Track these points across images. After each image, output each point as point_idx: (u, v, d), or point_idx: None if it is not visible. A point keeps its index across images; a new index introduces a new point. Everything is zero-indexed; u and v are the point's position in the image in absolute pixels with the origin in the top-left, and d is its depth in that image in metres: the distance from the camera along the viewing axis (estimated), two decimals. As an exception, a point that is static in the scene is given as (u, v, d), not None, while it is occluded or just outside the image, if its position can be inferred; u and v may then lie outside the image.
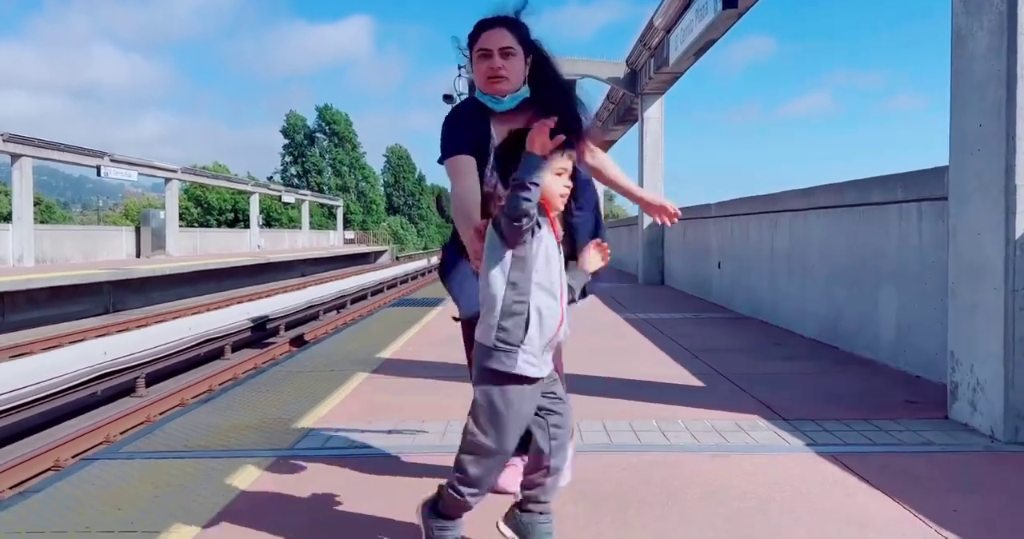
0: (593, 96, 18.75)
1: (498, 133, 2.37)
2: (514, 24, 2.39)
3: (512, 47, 2.36)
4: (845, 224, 5.81)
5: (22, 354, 12.20)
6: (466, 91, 12.99)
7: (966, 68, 3.42)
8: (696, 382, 4.68)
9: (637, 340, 6.46)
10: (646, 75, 12.38)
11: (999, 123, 3.20)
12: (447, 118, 2.49)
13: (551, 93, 2.38)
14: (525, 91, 2.40)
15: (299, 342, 14.24)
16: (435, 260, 51.93)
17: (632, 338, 6.58)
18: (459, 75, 12.65)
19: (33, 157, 20.94)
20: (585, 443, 3.30)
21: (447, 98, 12.73)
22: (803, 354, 5.72)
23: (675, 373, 4.97)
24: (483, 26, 2.39)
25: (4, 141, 19.97)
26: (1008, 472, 2.94)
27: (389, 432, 3.50)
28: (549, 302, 1.94)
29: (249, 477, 2.85)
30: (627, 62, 12.95)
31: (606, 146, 23.25)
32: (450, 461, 2.06)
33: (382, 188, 76.24)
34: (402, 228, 74.96)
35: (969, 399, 3.52)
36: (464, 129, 2.41)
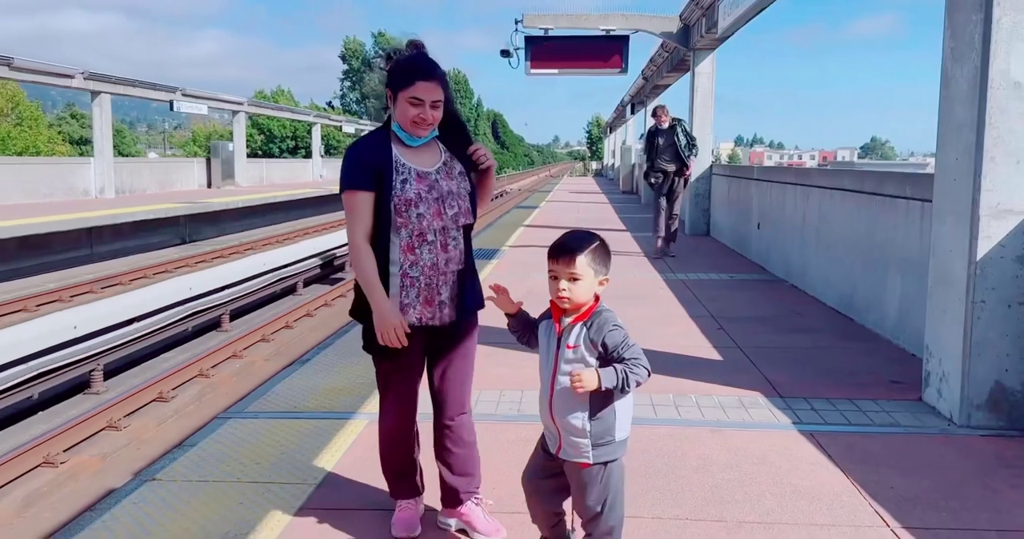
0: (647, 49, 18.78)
1: (403, 154, 2.64)
2: (444, 79, 2.65)
3: (441, 100, 2.61)
4: (864, 208, 6.34)
5: (115, 285, 13.49)
6: (522, 46, 13.43)
7: (949, 109, 3.95)
8: (715, 356, 5.40)
9: (670, 307, 7.15)
10: (698, 33, 12.63)
11: (969, 162, 3.76)
12: (351, 151, 2.69)
13: (454, 132, 2.75)
14: (435, 131, 2.68)
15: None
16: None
17: (666, 305, 7.26)
18: (516, 30, 13.06)
19: (111, 93, 22.02)
20: (610, 416, 4.08)
21: (504, 53, 13.17)
22: (818, 325, 6.37)
23: (698, 345, 5.69)
24: (421, 75, 2.58)
25: (84, 78, 21.02)
26: (951, 453, 3.64)
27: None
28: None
29: (350, 437, 3.72)
30: (680, 17, 13.17)
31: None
32: (505, 430, 2.84)
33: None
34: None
35: (936, 386, 4.19)
36: (367, 164, 2.60)
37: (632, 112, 28.71)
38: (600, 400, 2.25)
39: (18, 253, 13.90)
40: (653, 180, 10.48)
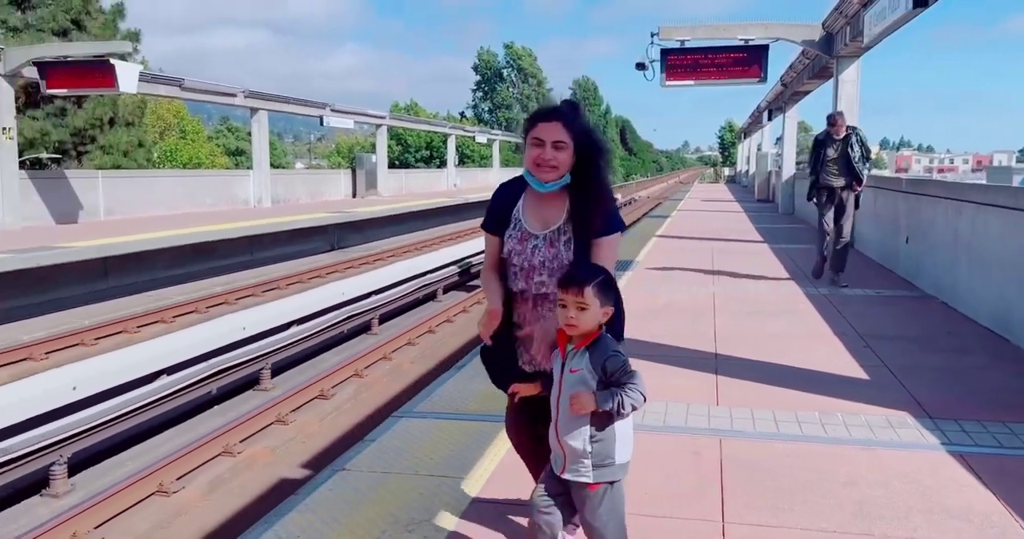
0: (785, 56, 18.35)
1: (526, 204, 2.73)
2: (569, 118, 2.61)
3: (564, 141, 2.58)
4: (1020, 226, 6.12)
5: (273, 289, 14.60)
6: (658, 58, 13.54)
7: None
8: (861, 374, 5.40)
9: (813, 324, 7.11)
10: (842, 41, 12.34)
11: None
12: (495, 193, 2.84)
13: (584, 195, 2.65)
14: (567, 179, 2.64)
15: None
16: (618, 197, 52.60)
17: (808, 321, 7.23)
18: (651, 43, 13.19)
19: (268, 110, 23.74)
20: (756, 430, 4.24)
21: (639, 66, 13.34)
22: (970, 345, 6.20)
23: (844, 363, 5.69)
24: (540, 117, 2.62)
25: (245, 97, 22.78)
26: (1115, 483, 3.56)
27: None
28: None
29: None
30: (823, 25, 12.90)
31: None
32: (650, 440, 3.07)
33: (567, 122, 76.95)
34: (587, 162, 75.55)
35: (1102, 415, 4.07)
36: (495, 210, 2.77)
37: (769, 118, 28.03)
38: (600, 423, 2.39)
39: (190, 259, 15.29)
40: (816, 198, 9.19)
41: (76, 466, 6.39)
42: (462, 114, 69.92)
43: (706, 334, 6.52)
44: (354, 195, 28.87)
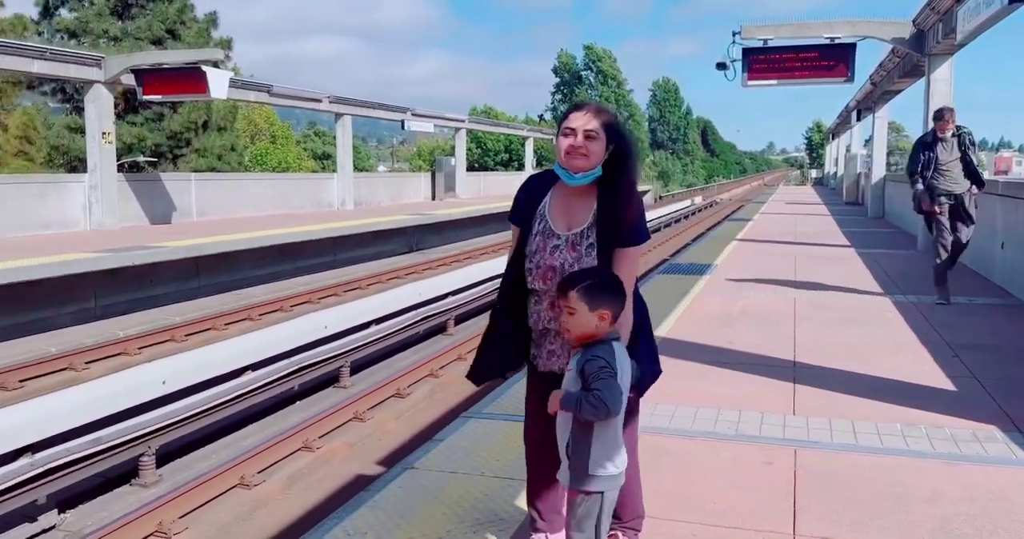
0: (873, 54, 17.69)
1: (553, 199, 2.68)
2: (602, 112, 2.60)
3: (595, 131, 2.54)
4: None
5: (355, 289, 14.96)
6: (739, 58, 13.27)
7: None
8: (948, 385, 5.16)
9: (898, 333, 6.84)
10: (934, 38, 11.81)
11: None
12: (523, 183, 2.81)
13: (614, 194, 2.60)
14: (598, 171, 2.58)
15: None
16: (698, 200, 51.75)
17: (894, 330, 6.95)
18: (732, 42, 12.93)
19: (352, 115, 24.33)
20: (834, 442, 4.10)
21: (720, 66, 13.09)
22: (1073, 358, 5.85)
23: (930, 373, 5.45)
24: (573, 107, 2.63)
25: (330, 102, 23.41)
26: None
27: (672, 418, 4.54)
28: None
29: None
30: (913, 22, 12.37)
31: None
32: (723, 448, 3.01)
33: (646, 124, 76.18)
34: (667, 164, 74.69)
35: None
36: (521, 201, 2.73)
37: (858, 118, 27.09)
38: (580, 429, 2.36)
39: (276, 259, 15.81)
40: (939, 206, 7.98)
41: (164, 457, 6.68)
42: (541, 117, 70.07)
43: (785, 341, 6.35)
44: (433, 197, 29.30)
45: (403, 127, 26.99)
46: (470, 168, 37.70)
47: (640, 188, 2.80)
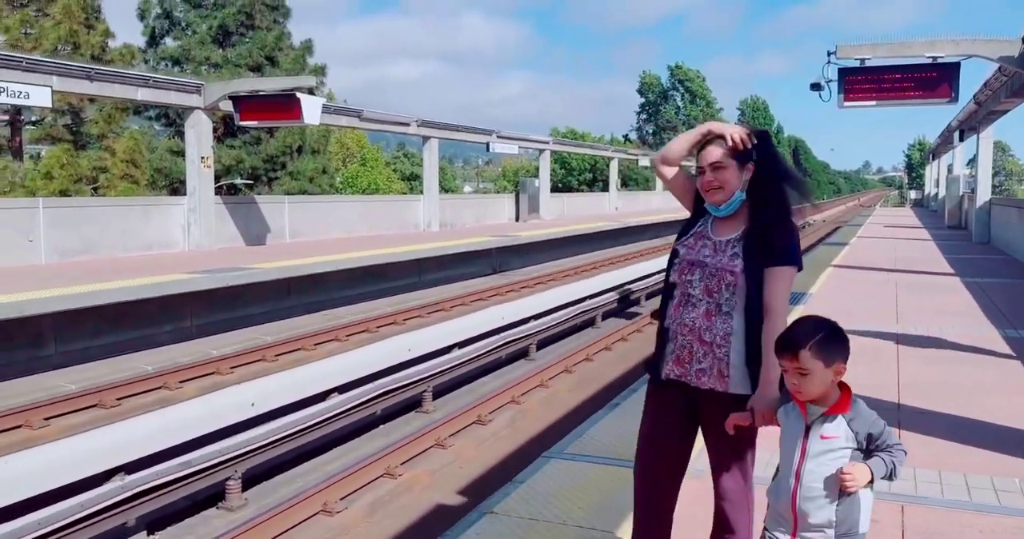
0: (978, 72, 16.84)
1: (712, 228, 2.71)
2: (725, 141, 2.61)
3: (721, 161, 2.59)
4: None
5: (438, 310, 15.05)
6: (835, 78, 12.80)
7: None
8: (1074, 436, 4.73)
9: (1017, 373, 6.36)
10: (1049, 55, 11.11)
11: None
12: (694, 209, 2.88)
13: (759, 214, 2.60)
14: (740, 196, 2.62)
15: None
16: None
17: (1011, 369, 6.48)
18: (828, 62, 12.49)
19: (439, 138, 24.69)
20: (944, 497, 3.79)
21: (815, 86, 12.65)
22: None
23: (1052, 421, 5.02)
24: (700, 147, 2.68)
25: (418, 126, 23.82)
26: None
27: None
28: None
29: (663, 490, 3.86)
30: (1023, 40, 11.66)
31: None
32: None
33: (734, 143, 74.66)
34: (756, 184, 72.99)
35: None
36: (685, 225, 2.83)
37: (961, 139, 25.80)
38: (847, 493, 2.22)
39: (363, 280, 16.08)
40: None
41: (249, 480, 6.79)
42: (626, 137, 69.71)
43: (887, 380, 5.98)
44: (517, 219, 29.38)
45: (488, 149, 27.24)
46: (554, 189, 37.75)
47: None
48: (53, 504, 5.50)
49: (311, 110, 15.90)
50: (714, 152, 2.61)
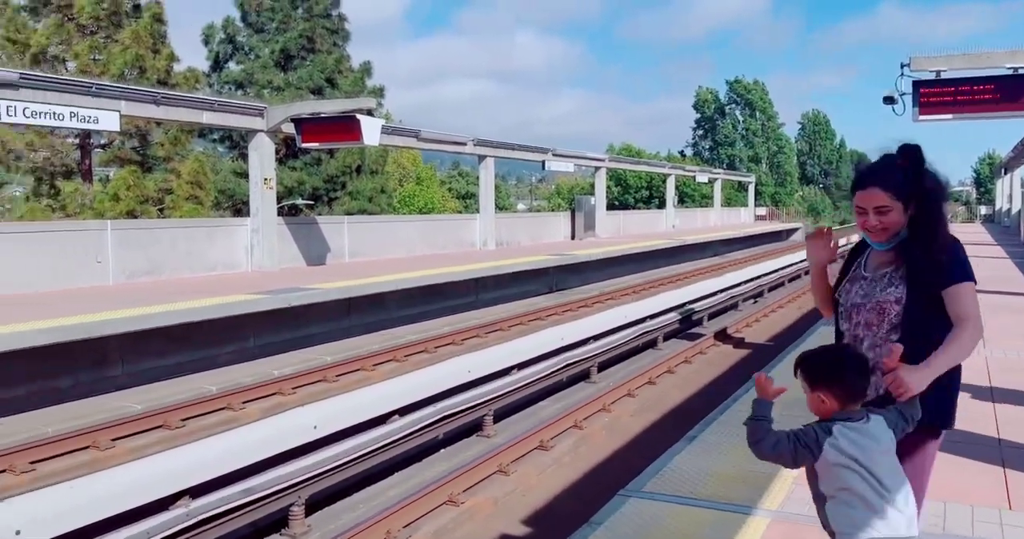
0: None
1: (870, 261, 2.72)
2: (888, 181, 2.55)
3: (885, 205, 2.55)
4: None
5: (496, 330, 14.91)
6: (909, 91, 12.33)
7: None
8: None
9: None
10: None
11: None
12: (849, 252, 2.88)
13: (921, 246, 2.55)
14: (904, 233, 2.60)
15: (723, 336, 15.04)
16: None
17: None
18: (901, 74, 12.04)
19: (494, 157, 24.70)
20: (1067, 549, 3.45)
21: (888, 100, 12.20)
22: None
23: None
24: (856, 185, 2.62)
25: (474, 145, 23.87)
26: None
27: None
28: None
29: (753, 535, 3.62)
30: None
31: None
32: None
33: (795, 158, 73.29)
34: (817, 200, 71.44)
35: None
36: (841, 270, 2.83)
37: (1038, 151, 24.75)
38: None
39: (422, 299, 16.05)
40: None
41: (312, 506, 6.70)
42: (682, 153, 69.03)
43: (983, 413, 5.59)
44: (573, 237, 29.17)
45: (543, 168, 27.16)
46: (610, 206, 37.51)
47: (788, 226, 2.77)
48: (121, 528, 5.48)
49: (371, 131, 16.02)
50: (877, 195, 2.55)
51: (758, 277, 23.20)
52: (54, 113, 12.18)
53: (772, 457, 2.29)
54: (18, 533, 4.78)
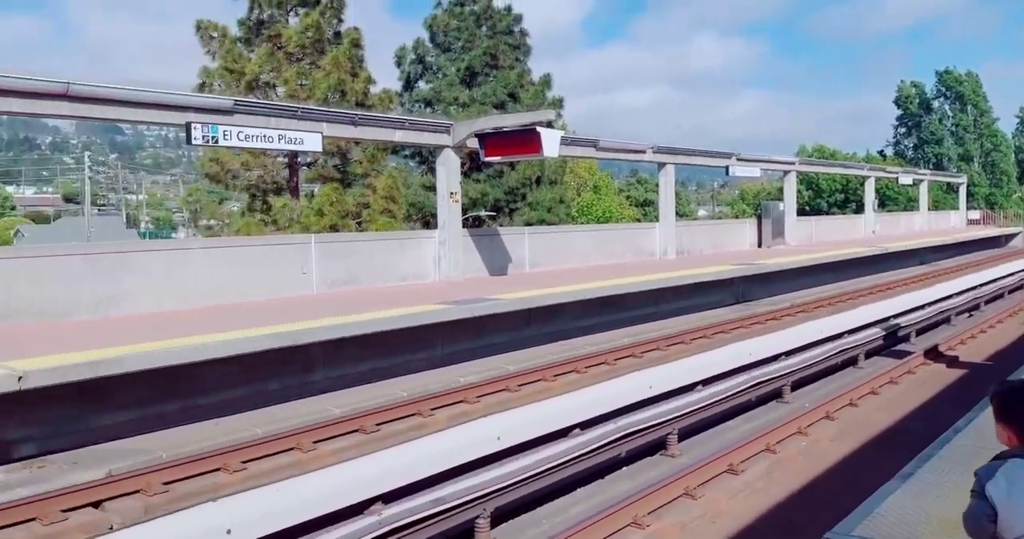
0: None
1: None
2: None
3: None
4: None
5: (677, 343, 14.49)
6: None
7: None
8: None
9: None
10: None
11: None
12: None
13: None
14: None
15: (934, 354, 13.71)
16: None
17: None
18: None
19: (675, 164, 24.14)
20: None
21: None
22: None
23: None
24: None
25: (653, 152, 23.45)
26: None
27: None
28: None
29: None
30: None
31: None
32: None
33: (1013, 156, 65.99)
34: (1040, 201, 63.93)
35: None
36: None
37: None
38: None
39: (599, 310, 15.93)
40: None
41: (496, 518, 6.74)
42: (881, 152, 64.22)
43: None
44: (759, 245, 27.90)
45: (727, 173, 26.17)
46: (800, 212, 35.55)
47: (1007, 230, 2.45)
48: (318, 532, 5.77)
49: (550, 143, 16.14)
50: None
51: (973, 288, 21.00)
52: (265, 136, 13.27)
53: (973, 530, 2.14)
54: (229, 532, 5.15)
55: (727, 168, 26.07)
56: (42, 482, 6.95)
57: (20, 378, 7.08)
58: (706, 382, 10.90)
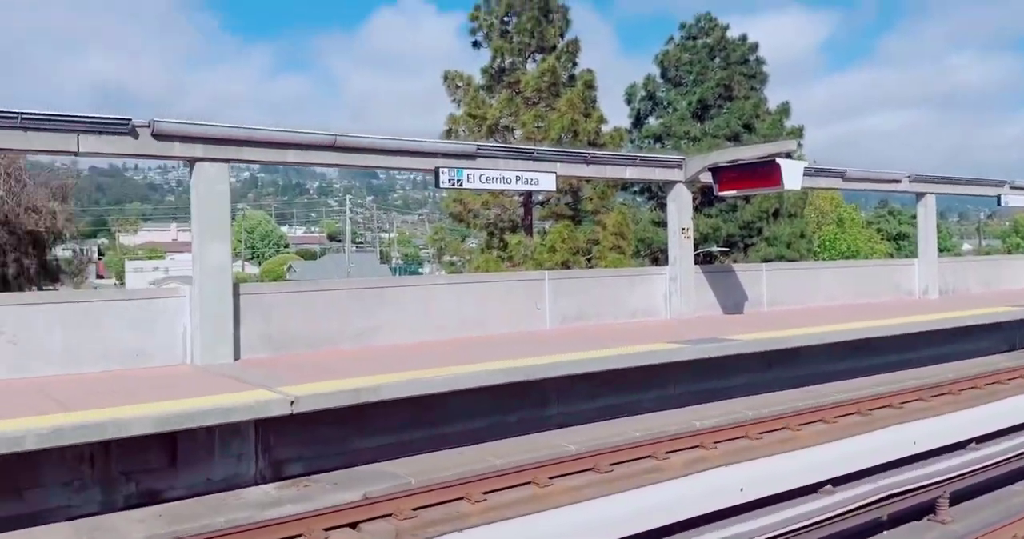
0: None
1: None
2: None
3: None
4: None
5: (943, 394, 12.99)
6: None
7: None
8: None
9: None
10: None
11: None
12: None
13: None
14: None
15: None
16: None
17: None
18: None
19: (935, 193, 21.96)
20: None
21: None
22: None
23: None
24: None
25: (910, 182, 21.49)
26: None
27: None
28: None
29: None
30: None
31: None
32: None
33: None
34: None
35: None
36: None
37: None
38: None
39: (849, 354, 14.71)
40: None
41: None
42: None
43: None
44: (1042, 284, 24.48)
45: (998, 203, 23.31)
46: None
47: None
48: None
49: (791, 175, 15.32)
50: None
51: None
52: (503, 177, 13.89)
53: None
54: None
55: (998, 198, 23.27)
56: (308, 501, 7.60)
57: (292, 403, 7.82)
58: (980, 440, 9.67)
